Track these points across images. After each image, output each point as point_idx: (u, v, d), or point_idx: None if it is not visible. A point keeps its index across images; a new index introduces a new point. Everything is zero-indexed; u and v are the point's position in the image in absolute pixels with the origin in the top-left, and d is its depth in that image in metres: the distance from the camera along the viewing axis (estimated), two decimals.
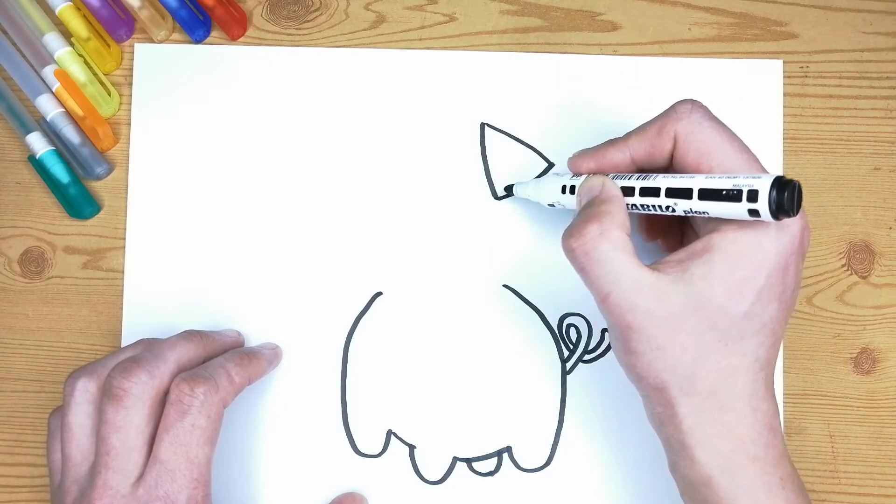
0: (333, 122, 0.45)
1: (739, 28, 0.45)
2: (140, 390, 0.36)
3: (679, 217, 0.35)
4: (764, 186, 0.30)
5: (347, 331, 0.44)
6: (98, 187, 0.45)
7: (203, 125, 0.45)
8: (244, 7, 0.46)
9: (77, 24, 0.45)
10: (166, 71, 0.45)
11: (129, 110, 0.45)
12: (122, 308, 0.44)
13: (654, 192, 0.34)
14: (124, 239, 0.44)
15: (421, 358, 0.44)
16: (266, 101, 0.45)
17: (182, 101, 0.45)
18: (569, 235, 0.34)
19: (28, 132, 0.44)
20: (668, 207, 0.34)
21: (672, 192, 0.33)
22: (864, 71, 0.45)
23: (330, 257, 0.44)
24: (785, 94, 0.44)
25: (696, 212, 0.33)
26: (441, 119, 0.45)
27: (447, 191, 0.44)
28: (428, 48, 0.45)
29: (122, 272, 0.44)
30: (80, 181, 0.44)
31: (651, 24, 0.45)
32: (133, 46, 0.45)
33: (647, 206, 0.35)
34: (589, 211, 0.34)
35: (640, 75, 0.44)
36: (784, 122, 0.44)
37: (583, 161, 0.37)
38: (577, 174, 0.38)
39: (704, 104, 0.35)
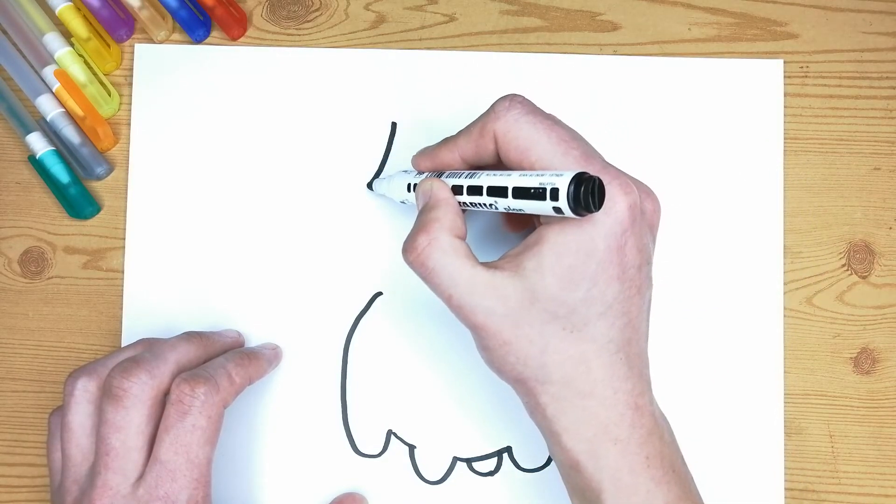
0: (333, 123, 0.45)
1: (739, 28, 0.45)
2: (140, 390, 0.36)
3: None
4: (563, 184, 0.30)
5: (347, 331, 0.44)
6: (98, 187, 0.45)
7: (203, 125, 0.45)
8: (244, 7, 0.46)
9: (77, 25, 0.45)
10: (166, 71, 0.45)
11: (129, 110, 0.45)
12: (122, 308, 0.44)
13: (478, 190, 0.34)
14: (124, 239, 0.44)
15: (421, 358, 0.44)
16: (266, 101, 0.45)
17: (182, 101, 0.45)
18: (404, 250, 0.35)
19: (28, 132, 0.44)
20: (491, 205, 0.34)
21: (492, 191, 0.33)
22: (864, 71, 0.45)
23: (330, 257, 0.44)
24: (785, 94, 0.44)
25: (513, 209, 0.33)
26: (441, 119, 0.45)
27: None
28: (428, 48, 0.45)
29: (122, 272, 0.44)
30: (80, 181, 0.44)
31: (651, 24, 0.45)
32: (133, 46, 0.45)
33: (475, 203, 0.35)
34: (419, 220, 0.35)
35: (640, 75, 0.44)
36: (784, 122, 0.44)
37: (421, 160, 0.38)
38: (420, 172, 0.38)
39: (525, 98, 0.35)
